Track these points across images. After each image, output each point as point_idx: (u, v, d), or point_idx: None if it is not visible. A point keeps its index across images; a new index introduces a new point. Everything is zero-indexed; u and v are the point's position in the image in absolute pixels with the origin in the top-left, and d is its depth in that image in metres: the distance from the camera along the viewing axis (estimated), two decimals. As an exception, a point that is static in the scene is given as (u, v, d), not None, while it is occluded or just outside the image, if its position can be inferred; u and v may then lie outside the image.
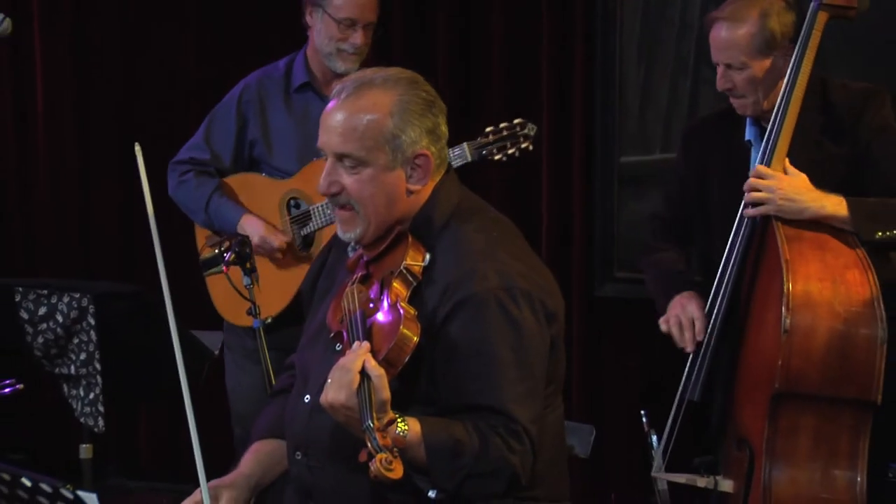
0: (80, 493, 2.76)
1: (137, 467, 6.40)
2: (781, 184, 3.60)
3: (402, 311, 2.84)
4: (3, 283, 4.67)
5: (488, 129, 4.49)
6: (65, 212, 6.46)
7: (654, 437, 3.85)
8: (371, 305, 2.92)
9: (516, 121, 4.43)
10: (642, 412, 3.91)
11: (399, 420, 2.77)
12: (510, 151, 4.45)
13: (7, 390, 4.59)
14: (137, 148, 3.25)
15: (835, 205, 3.57)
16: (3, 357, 4.94)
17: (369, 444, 2.65)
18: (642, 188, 5.54)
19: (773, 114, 3.69)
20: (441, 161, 3.03)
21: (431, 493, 2.82)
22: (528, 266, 3.05)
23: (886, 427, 3.72)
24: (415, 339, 2.82)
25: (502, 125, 4.42)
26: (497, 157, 4.49)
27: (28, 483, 2.78)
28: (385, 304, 2.89)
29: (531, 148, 4.49)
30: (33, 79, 6.37)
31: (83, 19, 6.34)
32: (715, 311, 3.77)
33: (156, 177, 4.83)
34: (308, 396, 3.07)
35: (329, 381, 2.78)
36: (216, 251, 4.73)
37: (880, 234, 3.55)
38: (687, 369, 3.80)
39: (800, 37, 3.67)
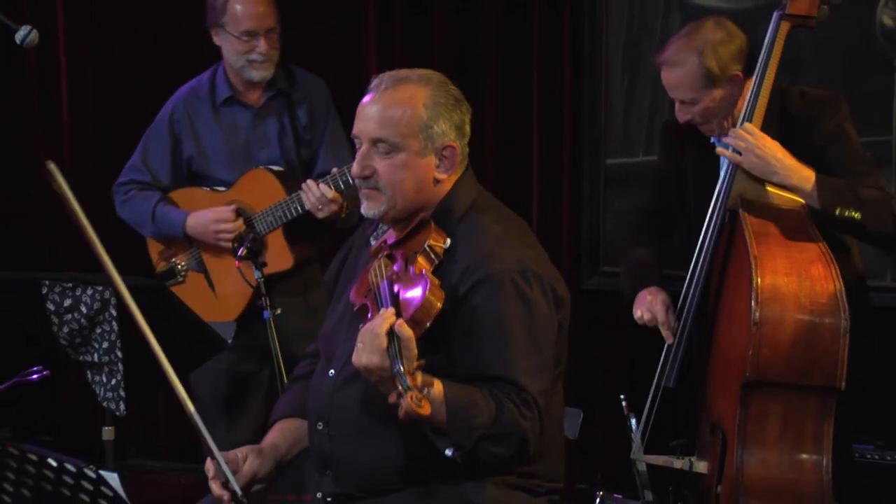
0: (102, 472, 2.77)
1: (156, 448, 6.43)
2: (763, 143, 3.59)
3: (427, 278, 2.89)
4: (31, 276, 4.64)
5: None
6: (88, 211, 6.45)
7: (633, 421, 3.86)
8: (397, 276, 2.96)
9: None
10: (622, 397, 3.93)
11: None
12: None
13: (35, 377, 4.55)
14: (52, 166, 3.15)
15: (802, 179, 3.56)
16: (31, 345, 4.93)
17: (399, 386, 2.68)
18: (626, 188, 5.55)
19: (741, 116, 3.69)
20: (463, 157, 3.10)
21: (448, 451, 2.85)
22: (541, 256, 3.13)
23: (851, 411, 3.73)
24: (439, 304, 2.87)
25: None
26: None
27: (54, 463, 2.80)
28: (411, 272, 2.93)
29: None
30: (58, 85, 6.39)
31: (102, 29, 6.37)
32: (687, 304, 3.77)
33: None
34: (332, 371, 3.11)
35: (360, 344, 2.82)
36: (171, 265, 4.75)
37: (839, 210, 3.53)
38: (662, 358, 3.81)
39: (764, 45, 3.67)
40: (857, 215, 3.54)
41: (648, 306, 3.90)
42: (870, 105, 4.94)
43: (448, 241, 3.00)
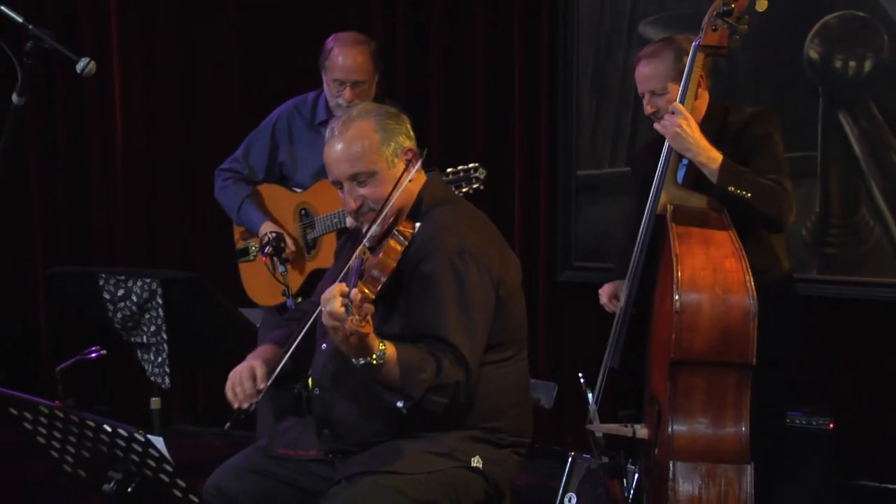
0: (149, 436, 2.83)
1: (196, 416, 6.51)
2: (686, 123, 3.65)
3: (387, 244, 3.05)
4: (90, 270, 4.77)
5: (449, 170, 4.39)
6: (138, 215, 6.54)
7: (590, 395, 3.85)
8: (369, 257, 3.09)
9: (471, 165, 4.32)
10: (580, 375, 3.90)
11: (380, 343, 2.89)
12: (464, 190, 4.37)
13: (93, 355, 4.68)
14: None
15: (710, 159, 3.63)
16: (91, 329, 5.08)
17: (349, 318, 2.74)
18: (594, 195, 5.63)
19: None
20: (420, 154, 3.23)
21: (399, 404, 2.96)
22: (486, 242, 3.20)
23: (786, 383, 3.86)
24: (392, 263, 3.01)
25: (460, 167, 4.34)
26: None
27: (109, 429, 2.87)
28: (380, 250, 3.08)
29: (482, 188, 4.38)
30: (113, 108, 6.48)
31: (150, 60, 6.46)
32: (624, 298, 3.86)
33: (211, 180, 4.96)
34: (325, 345, 3.25)
35: (322, 308, 2.85)
36: (247, 244, 4.83)
37: (732, 188, 3.60)
38: (609, 342, 3.88)
39: (685, 71, 3.75)
40: (748, 195, 3.61)
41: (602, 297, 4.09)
42: (798, 125, 5.02)
43: (417, 225, 3.13)
